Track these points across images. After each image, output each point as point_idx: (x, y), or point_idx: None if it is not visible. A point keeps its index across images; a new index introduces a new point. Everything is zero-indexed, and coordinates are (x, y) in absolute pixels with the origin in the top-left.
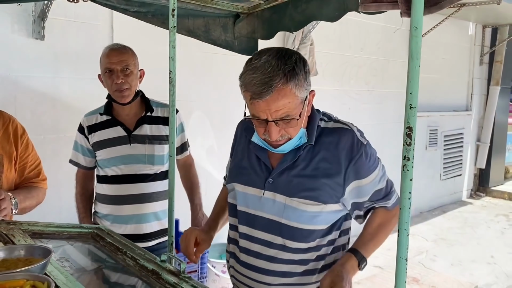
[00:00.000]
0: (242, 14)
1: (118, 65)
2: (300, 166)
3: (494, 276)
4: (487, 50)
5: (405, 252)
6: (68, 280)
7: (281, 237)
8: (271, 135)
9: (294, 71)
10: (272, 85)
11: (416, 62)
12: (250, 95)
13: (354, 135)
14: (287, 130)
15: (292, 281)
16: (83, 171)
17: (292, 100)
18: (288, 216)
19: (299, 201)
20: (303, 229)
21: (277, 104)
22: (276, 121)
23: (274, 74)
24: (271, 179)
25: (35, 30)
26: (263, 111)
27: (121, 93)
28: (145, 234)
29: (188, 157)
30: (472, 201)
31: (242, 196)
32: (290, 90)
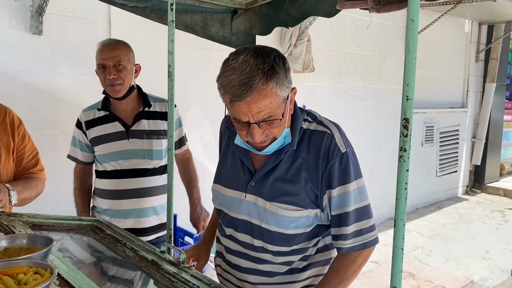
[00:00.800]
0: (239, 10)
1: (110, 61)
2: (281, 169)
3: (489, 271)
4: (483, 47)
5: (402, 242)
6: (69, 269)
7: (261, 240)
8: (255, 137)
9: (274, 70)
10: (252, 86)
11: (412, 55)
12: (230, 98)
13: (333, 140)
14: (271, 130)
15: (275, 280)
16: (81, 166)
17: (274, 100)
18: (267, 221)
19: (278, 206)
20: (284, 234)
21: (258, 105)
22: (258, 123)
23: (253, 74)
24: (253, 182)
25: (33, 25)
26: (244, 114)
27: (113, 88)
28: (144, 228)
29: (186, 152)
30: (468, 197)
31: (224, 198)
32: (271, 90)
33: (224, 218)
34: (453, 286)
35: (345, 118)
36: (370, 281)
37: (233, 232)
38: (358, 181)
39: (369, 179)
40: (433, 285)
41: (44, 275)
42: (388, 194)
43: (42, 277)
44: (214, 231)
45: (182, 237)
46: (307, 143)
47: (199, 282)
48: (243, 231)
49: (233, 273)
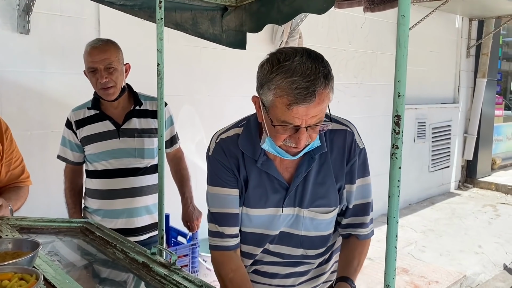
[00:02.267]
0: (229, 7)
1: (101, 64)
2: (312, 174)
3: (482, 265)
4: (474, 42)
5: (395, 240)
6: (57, 273)
7: (302, 248)
8: (300, 142)
9: (330, 74)
10: (315, 90)
11: (404, 51)
12: (290, 101)
13: (354, 137)
14: (312, 136)
15: (310, 276)
16: (72, 166)
17: (327, 105)
18: (307, 227)
19: (316, 211)
20: (322, 236)
21: (316, 109)
22: (307, 127)
23: (315, 77)
24: (289, 196)
25: (20, 24)
26: (299, 117)
27: (106, 91)
28: (136, 228)
29: (177, 150)
30: (460, 192)
31: (255, 219)
32: (327, 94)
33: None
34: (447, 281)
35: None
36: (364, 277)
37: (268, 246)
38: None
39: None
40: (427, 280)
41: (29, 280)
42: (380, 190)
43: (27, 283)
44: None
45: (175, 237)
46: (330, 142)
47: (191, 284)
48: (280, 243)
49: (266, 282)
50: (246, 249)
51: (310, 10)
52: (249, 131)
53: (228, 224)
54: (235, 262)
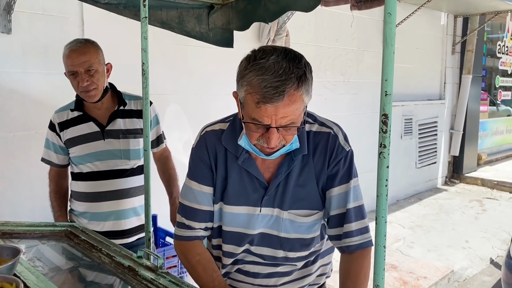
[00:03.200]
0: (216, 5)
1: (81, 67)
2: (292, 176)
3: (469, 260)
4: (459, 39)
5: (383, 239)
6: (39, 280)
7: (282, 250)
8: (270, 142)
9: (305, 76)
10: (284, 90)
11: (390, 49)
12: (258, 99)
13: (337, 140)
14: (286, 137)
15: (293, 277)
16: (56, 169)
17: (300, 107)
18: (286, 230)
19: (295, 214)
20: (304, 239)
21: (285, 110)
22: (278, 127)
23: (287, 78)
24: (267, 195)
25: (1, 24)
26: (268, 117)
27: (88, 93)
28: (124, 230)
29: (164, 150)
30: (447, 188)
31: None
32: (300, 96)
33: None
34: (435, 276)
35: (325, 113)
36: None
37: (249, 246)
38: (357, 179)
39: None
40: (415, 276)
41: None
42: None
43: None
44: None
45: (163, 237)
46: (313, 145)
47: (178, 287)
48: (260, 245)
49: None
50: (227, 248)
51: (297, 8)
52: (234, 127)
53: (195, 219)
54: (200, 247)
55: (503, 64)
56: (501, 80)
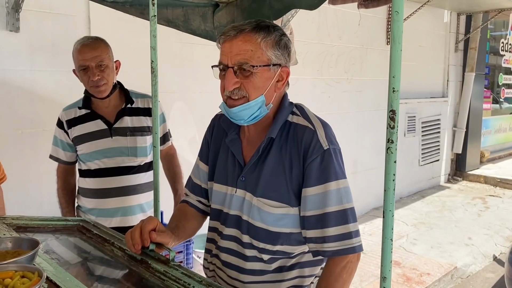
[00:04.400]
0: (221, 4)
1: (92, 62)
2: (268, 164)
3: (472, 257)
4: (462, 37)
5: (391, 233)
6: (57, 271)
7: (248, 235)
8: (227, 82)
9: (268, 29)
10: (241, 29)
11: (398, 46)
12: (219, 37)
13: (315, 136)
14: (244, 83)
15: (265, 279)
16: (64, 166)
17: (256, 50)
18: (253, 216)
19: (264, 202)
20: (269, 231)
21: (239, 47)
22: (234, 68)
23: (248, 23)
24: (243, 176)
25: (9, 22)
26: (225, 55)
27: (98, 88)
28: (130, 226)
29: (170, 147)
30: (450, 185)
31: (217, 195)
32: (256, 40)
33: (216, 215)
34: (438, 273)
35: (329, 110)
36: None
37: (222, 227)
38: (341, 182)
39: (353, 170)
40: (418, 272)
41: (31, 278)
42: (372, 184)
43: (30, 280)
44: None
45: None
46: (291, 136)
47: (190, 279)
48: (232, 226)
49: (225, 271)
50: (211, 224)
51: (301, 6)
52: None
53: (193, 192)
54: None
55: (506, 61)
56: (504, 77)
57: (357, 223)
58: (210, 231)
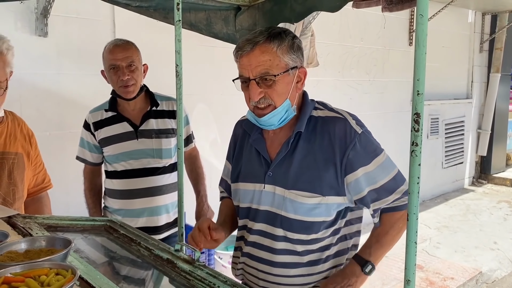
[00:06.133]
0: (243, 7)
1: (123, 62)
2: (297, 157)
3: (498, 261)
4: (487, 37)
5: (415, 236)
6: (88, 269)
7: (282, 228)
8: (252, 94)
9: (280, 36)
10: (254, 41)
11: (422, 49)
12: (235, 52)
13: (347, 123)
14: (268, 92)
15: (297, 272)
16: (91, 167)
17: (273, 59)
18: (286, 208)
19: (296, 193)
20: (303, 221)
21: (257, 59)
22: (256, 79)
23: (260, 34)
24: (270, 172)
25: (38, 27)
26: (245, 68)
27: (127, 89)
28: (156, 226)
29: (193, 149)
30: (474, 188)
31: (244, 193)
32: (272, 49)
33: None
34: (462, 278)
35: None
36: (378, 274)
37: (252, 224)
38: (380, 156)
39: None
40: (442, 277)
41: (65, 276)
42: None
43: (63, 278)
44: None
45: None
46: (320, 129)
47: (215, 279)
48: (262, 221)
49: (255, 266)
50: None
51: (323, 8)
52: None
53: (227, 191)
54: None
55: None
56: None
57: (406, 180)
58: (240, 229)
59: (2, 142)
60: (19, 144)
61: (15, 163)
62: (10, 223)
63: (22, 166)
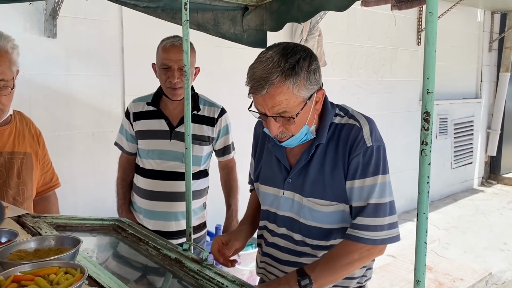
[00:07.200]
0: (250, 7)
1: (176, 63)
2: (315, 165)
3: (508, 262)
4: (496, 36)
5: (425, 236)
6: (97, 268)
7: (300, 234)
8: (270, 130)
9: (294, 70)
10: (267, 82)
11: (432, 48)
12: (249, 90)
13: (360, 133)
14: (287, 127)
15: None
16: (126, 156)
17: (290, 98)
18: (305, 216)
19: (314, 201)
20: (321, 228)
21: (273, 100)
22: (274, 117)
23: (273, 71)
24: (290, 179)
25: (47, 28)
26: (260, 105)
27: (175, 91)
28: (173, 231)
29: (230, 160)
30: (484, 188)
31: (264, 196)
32: (288, 88)
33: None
34: (472, 279)
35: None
36: (387, 274)
37: (273, 226)
38: (379, 177)
39: None
40: (451, 277)
41: (74, 274)
42: (402, 187)
43: (72, 277)
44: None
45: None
46: (337, 137)
47: (223, 279)
48: (283, 226)
49: (277, 266)
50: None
51: (330, 8)
52: None
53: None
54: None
55: None
56: None
57: (394, 216)
58: (260, 229)
59: (11, 142)
60: (27, 143)
61: (24, 162)
62: (19, 222)
63: (30, 166)
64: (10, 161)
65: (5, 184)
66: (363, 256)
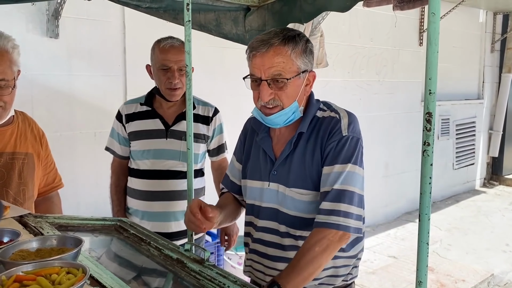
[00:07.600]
0: (252, 7)
1: (176, 64)
2: (297, 156)
3: (510, 264)
4: (498, 37)
5: (427, 237)
6: (98, 268)
7: (284, 225)
8: (262, 95)
9: (295, 39)
10: (270, 43)
11: (434, 48)
12: (249, 51)
13: (339, 123)
14: (279, 94)
15: None
16: (119, 160)
17: (287, 62)
18: (287, 206)
19: (296, 191)
20: (304, 218)
21: (271, 60)
22: (268, 81)
23: (275, 35)
24: (275, 171)
25: (49, 29)
26: (258, 68)
27: (174, 92)
28: (172, 232)
29: (223, 160)
30: (486, 189)
31: (251, 191)
32: (286, 52)
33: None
34: (474, 280)
35: (360, 113)
36: (388, 275)
37: (257, 220)
38: (349, 166)
39: (384, 173)
40: (453, 278)
41: (76, 274)
42: (403, 188)
43: (74, 276)
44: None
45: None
46: (318, 129)
47: (225, 279)
48: (267, 218)
49: (262, 262)
50: (247, 219)
51: (332, 9)
52: None
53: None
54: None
55: None
56: None
57: (359, 209)
58: (246, 226)
59: (13, 143)
60: (29, 144)
61: (25, 163)
62: (21, 222)
63: (32, 166)
64: (11, 161)
65: (5, 184)
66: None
